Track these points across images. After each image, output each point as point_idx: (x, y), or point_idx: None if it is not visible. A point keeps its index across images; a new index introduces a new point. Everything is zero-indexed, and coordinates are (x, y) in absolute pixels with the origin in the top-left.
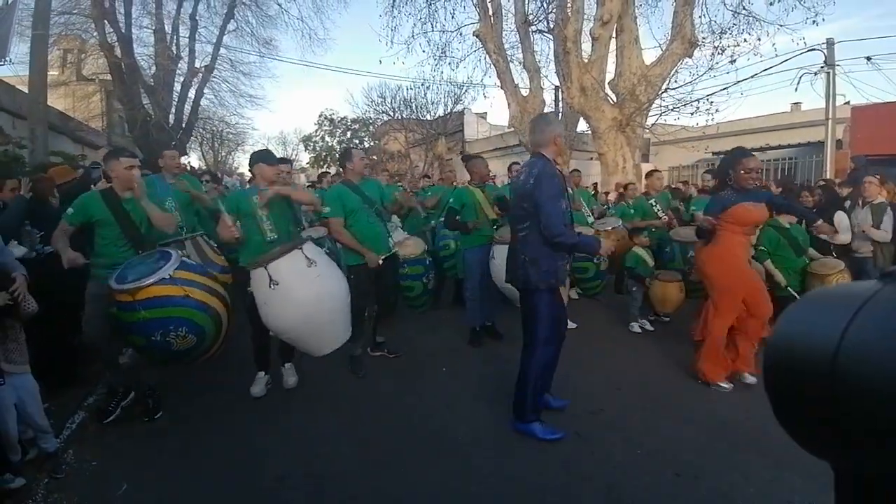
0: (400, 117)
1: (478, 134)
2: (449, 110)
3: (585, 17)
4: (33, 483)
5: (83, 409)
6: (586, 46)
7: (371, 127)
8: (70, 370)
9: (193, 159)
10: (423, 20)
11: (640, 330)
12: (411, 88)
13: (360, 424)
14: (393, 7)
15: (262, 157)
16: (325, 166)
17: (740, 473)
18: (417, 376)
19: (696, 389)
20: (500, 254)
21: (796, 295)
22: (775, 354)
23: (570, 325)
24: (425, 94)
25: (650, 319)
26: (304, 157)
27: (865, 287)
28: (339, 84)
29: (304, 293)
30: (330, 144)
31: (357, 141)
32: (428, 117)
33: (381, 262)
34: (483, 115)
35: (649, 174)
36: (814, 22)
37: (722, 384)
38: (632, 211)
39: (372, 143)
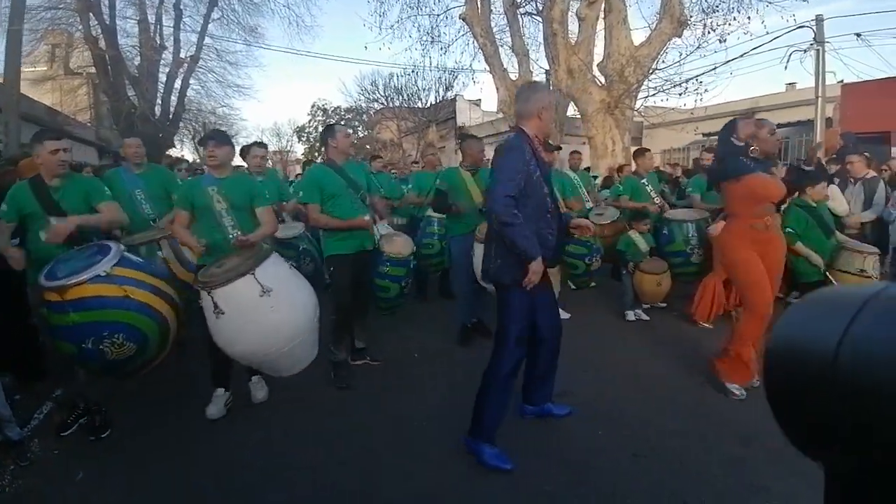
0: (392, 105)
1: (470, 121)
2: (440, 97)
3: None
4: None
5: (51, 401)
6: (575, 28)
7: (364, 116)
8: (38, 364)
9: (186, 152)
10: (411, 4)
11: (634, 318)
12: (402, 76)
13: (338, 435)
14: None
15: (211, 136)
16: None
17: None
18: (401, 381)
19: (692, 384)
20: (480, 250)
21: (833, 280)
22: (775, 356)
23: (563, 315)
24: (416, 82)
25: (644, 308)
26: (299, 149)
27: (866, 289)
28: (333, 74)
29: (254, 327)
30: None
31: (351, 130)
32: (419, 105)
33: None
34: (476, 102)
35: (639, 153)
36: None
37: (735, 388)
38: (620, 187)
39: (365, 133)
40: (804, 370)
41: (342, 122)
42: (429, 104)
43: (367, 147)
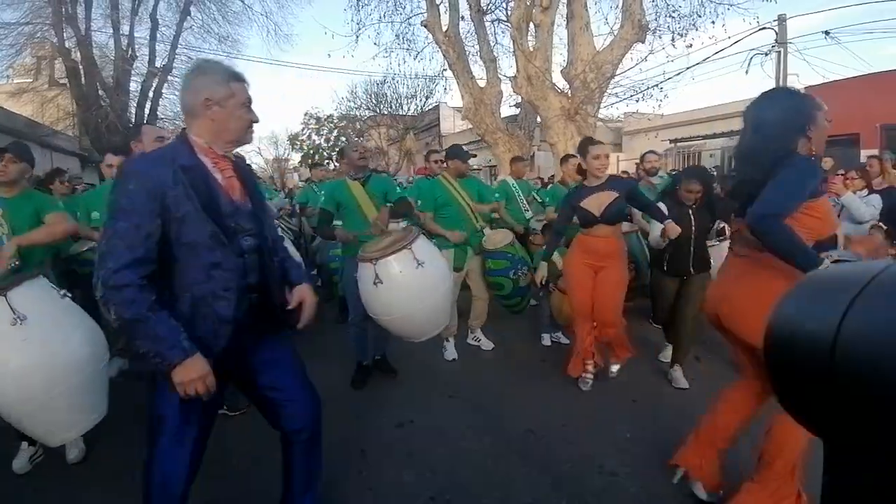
0: (379, 113)
1: (454, 128)
2: (422, 105)
3: (532, 3)
4: None
5: None
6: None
7: (358, 124)
8: None
9: None
10: (389, 11)
11: (549, 343)
12: (381, 84)
13: None
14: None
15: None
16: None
17: None
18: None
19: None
20: (366, 271)
21: None
22: (777, 337)
23: (486, 345)
24: (396, 90)
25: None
26: (296, 157)
27: (864, 271)
28: (326, 82)
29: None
30: (317, 143)
31: (344, 139)
32: (402, 112)
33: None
34: (460, 109)
35: (564, 159)
36: None
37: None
38: (546, 200)
39: (354, 139)
40: (805, 350)
41: (335, 131)
42: (411, 112)
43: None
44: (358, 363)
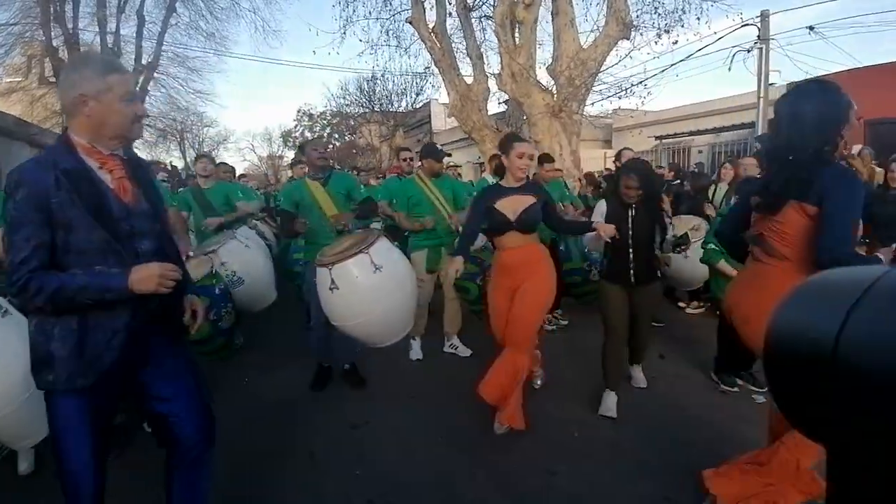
0: (371, 110)
1: (445, 125)
2: (412, 101)
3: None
4: None
5: None
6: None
7: (352, 121)
8: None
9: (175, 159)
10: (377, 8)
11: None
12: (371, 80)
13: None
14: None
15: None
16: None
17: None
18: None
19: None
20: (323, 276)
21: None
22: (776, 342)
23: (464, 352)
24: (386, 86)
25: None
26: (290, 154)
27: (865, 275)
28: (319, 78)
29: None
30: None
31: (337, 136)
32: (392, 109)
33: None
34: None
35: (542, 159)
36: None
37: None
38: None
39: (347, 138)
40: (805, 357)
41: (329, 128)
42: (402, 108)
43: (354, 152)
44: (318, 366)
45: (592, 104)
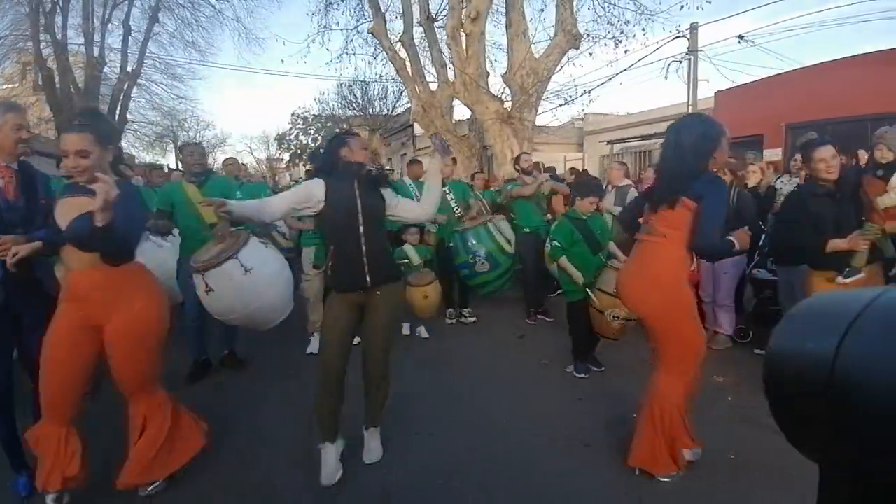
0: (354, 114)
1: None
2: (393, 105)
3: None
4: None
5: None
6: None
7: (344, 124)
8: None
9: (171, 160)
10: (355, 17)
11: (408, 332)
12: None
13: None
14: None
15: None
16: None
17: None
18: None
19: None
20: (198, 280)
21: (594, 298)
22: (774, 364)
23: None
24: (366, 91)
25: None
26: (286, 157)
27: (860, 298)
28: (313, 84)
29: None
30: (305, 142)
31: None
32: (372, 112)
33: None
34: None
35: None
36: (681, 7)
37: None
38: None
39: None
40: (801, 380)
41: (322, 131)
42: (384, 113)
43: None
44: (194, 360)
45: (541, 113)
